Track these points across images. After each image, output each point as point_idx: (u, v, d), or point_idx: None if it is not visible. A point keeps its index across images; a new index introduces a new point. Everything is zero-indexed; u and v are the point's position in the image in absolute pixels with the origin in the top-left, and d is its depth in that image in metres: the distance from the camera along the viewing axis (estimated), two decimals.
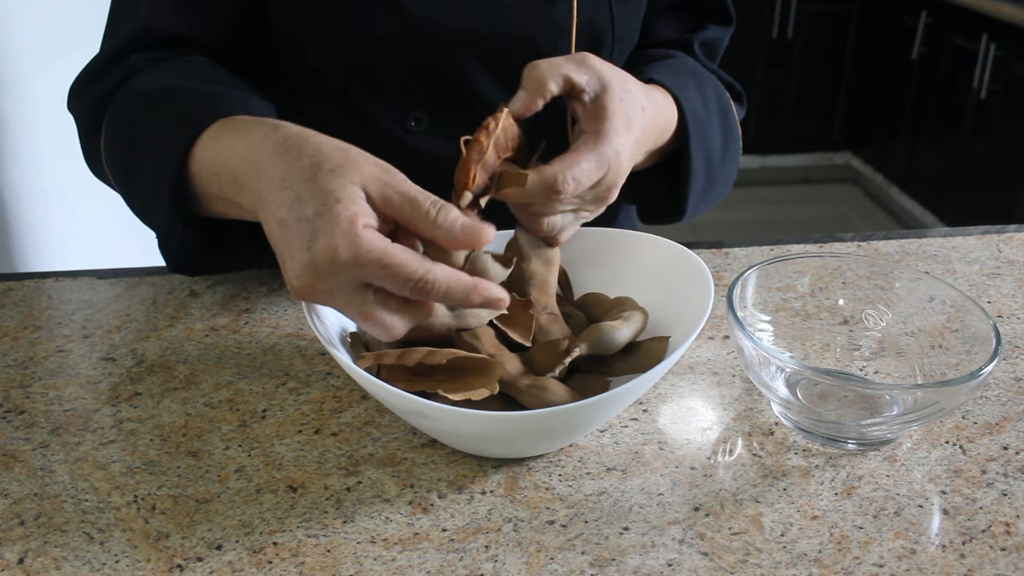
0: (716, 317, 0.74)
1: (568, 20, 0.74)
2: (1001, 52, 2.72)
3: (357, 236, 0.48)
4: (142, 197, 0.68)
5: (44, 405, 0.64)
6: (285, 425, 0.61)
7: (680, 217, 0.78)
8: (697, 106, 0.74)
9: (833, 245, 0.86)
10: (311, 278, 0.50)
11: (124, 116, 0.68)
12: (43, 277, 0.81)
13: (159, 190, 0.63)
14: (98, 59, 0.74)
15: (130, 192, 0.69)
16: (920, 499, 0.55)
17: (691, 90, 0.74)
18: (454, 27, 0.72)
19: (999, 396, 0.65)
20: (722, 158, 0.78)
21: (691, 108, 0.72)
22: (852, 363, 0.67)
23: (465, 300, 0.51)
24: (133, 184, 0.68)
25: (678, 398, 0.64)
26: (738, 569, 0.50)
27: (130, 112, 0.68)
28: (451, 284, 0.51)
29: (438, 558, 0.51)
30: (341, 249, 0.48)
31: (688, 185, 0.74)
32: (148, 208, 0.67)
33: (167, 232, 0.66)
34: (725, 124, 0.79)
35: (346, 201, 0.49)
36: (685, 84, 0.74)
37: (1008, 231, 0.89)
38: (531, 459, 0.58)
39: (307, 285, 0.51)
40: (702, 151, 0.74)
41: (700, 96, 0.75)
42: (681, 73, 0.76)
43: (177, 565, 0.50)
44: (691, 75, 0.77)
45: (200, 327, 0.73)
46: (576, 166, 0.58)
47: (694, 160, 0.73)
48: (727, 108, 0.81)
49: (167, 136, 0.63)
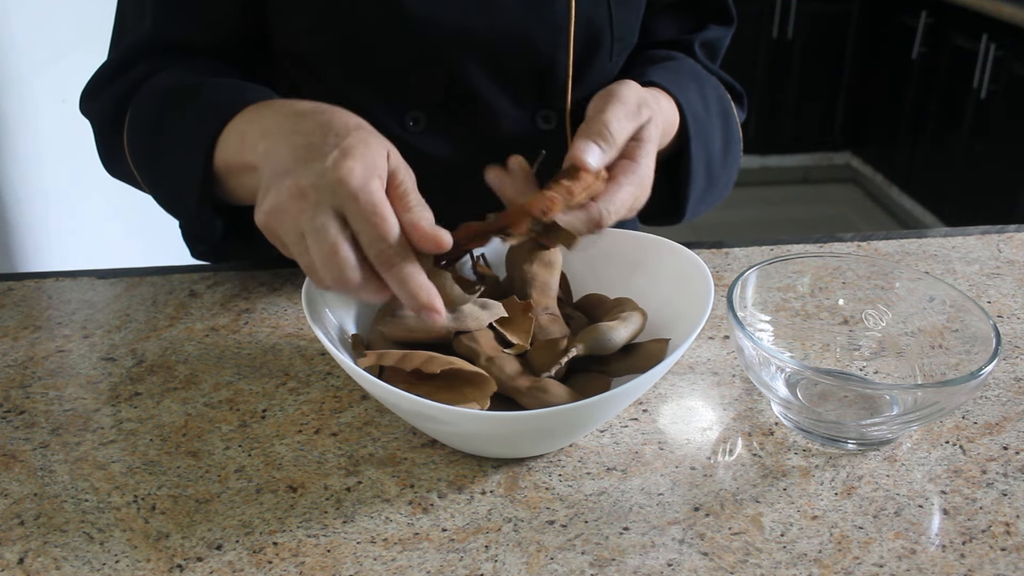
0: (716, 317, 0.74)
1: (566, 19, 0.74)
2: (1001, 52, 2.72)
3: (372, 175, 0.52)
4: (169, 185, 0.69)
5: (44, 405, 0.64)
6: (285, 425, 0.61)
7: (680, 218, 0.78)
8: (698, 108, 0.74)
9: (833, 245, 0.86)
10: (309, 188, 0.52)
11: (151, 108, 0.70)
12: (43, 277, 0.81)
13: (188, 176, 0.65)
14: (107, 65, 0.76)
15: (156, 181, 0.71)
16: (920, 499, 0.55)
17: (692, 92, 0.74)
18: (453, 26, 0.72)
19: (999, 396, 0.65)
20: (723, 160, 0.78)
21: (692, 111, 0.72)
22: (852, 363, 0.67)
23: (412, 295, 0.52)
24: (160, 173, 0.70)
25: (678, 398, 0.64)
26: (738, 569, 0.50)
27: (157, 104, 0.70)
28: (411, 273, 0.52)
29: (438, 558, 0.51)
30: (356, 175, 0.51)
31: (688, 187, 0.74)
32: (175, 195, 0.69)
33: (193, 217, 0.67)
34: (726, 126, 0.79)
35: (378, 149, 0.54)
36: (686, 86, 0.74)
37: (1008, 231, 0.89)
38: (531, 459, 0.58)
39: (296, 196, 0.52)
40: (703, 153, 0.74)
41: (701, 98, 0.75)
42: (682, 75, 0.76)
43: (177, 565, 0.50)
44: (692, 77, 0.77)
45: (200, 327, 0.73)
46: (618, 199, 0.59)
47: (694, 162, 0.73)
48: (728, 110, 0.81)
49: (198, 122, 0.65)
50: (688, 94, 0.73)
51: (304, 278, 0.61)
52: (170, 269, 0.82)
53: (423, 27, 0.71)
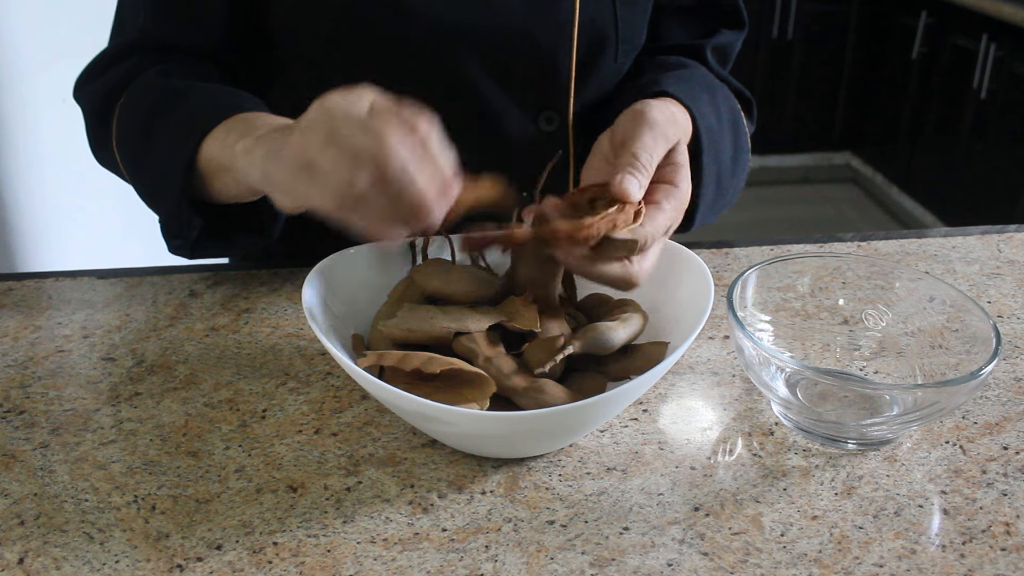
0: (716, 317, 0.74)
1: (570, 19, 0.74)
2: (1001, 52, 2.72)
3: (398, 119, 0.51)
4: (152, 179, 0.71)
5: (44, 405, 0.64)
6: (285, 425, 0.61)
7: (689, 227, 0.78)
8: (711, 120, 0.73)
9: (833, 245, 0.86)
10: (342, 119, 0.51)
11: (141, 101, 0.71)
12: (43, 277, 0.81)
13: (171, 172, 0.66)
14: (102, 56, 0.77)
15: (140, 174, 0.72)
16: (920, 499, 0.55)
17: (704, 104, 0.74)
18: (455, 25, 0.72)
19: (999, 396, 0.65)
20: (732, 169, 0.78)
21: (705, 123, 0.72)
22: (852, 363, 0.67)
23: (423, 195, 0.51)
24: (144, 167, 0.71)
25: (678, 398, 0.64)
26: (738, 569, 0.50)
27: (148, 99, 0.71)
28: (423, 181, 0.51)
29: (438, 558, 0.51)
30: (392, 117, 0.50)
31: (699, 198, 0.74)
32: (156, 190, 0.70)
33: (173, 214, 0.69)
34: (736, 135, 0.79)
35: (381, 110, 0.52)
36: (699, 97, 0.73)
37: (1008, 231, 0.89)
38: (531, 459, 0.58)
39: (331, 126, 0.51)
40: (713, 164, 0.74)
41: (713, 109, 0.75)
42: (695, 85, 0.75)
43: (177, 565, 0.50)
44: (704, 87, 0.77)
45: (200, 327, 0.73)
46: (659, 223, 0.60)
47: (706, 173, 0.73)
48: (738, 119, 0.80)
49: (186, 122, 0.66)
50: (701, 106, 0.73)
51: (304, 278, 0.61)
52: (170, 269, 0.82)
53: (425, 26, 0.71)
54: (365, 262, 0.66)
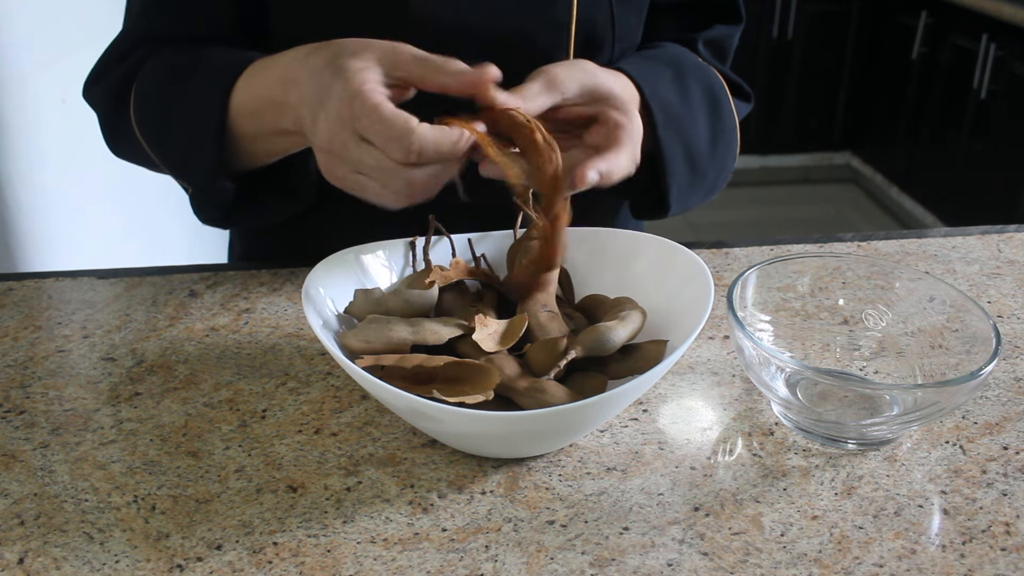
0: (716, 317, 0.74)
1: (567, 18, 0.74)
2: (1001, 52, 2.72)
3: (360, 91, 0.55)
4: (180, 152, 0.72)
5: (44, 405, 0.64)
6: (285, 425, 0.61)
7: (666, 211, 0.77)
8: (669, 96, 0.72)
9: (833, 245, 0.86)
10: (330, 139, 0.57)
11: (158, 81, 0.73)
12: (43, 277, 0.81)
13: (201, 140, 0.68)
14: (108, 53, 0.79)
15: (166, 151, 0.73)
16: (920, 499, 0.55)
17: (663, 79, 0.73)
18: (452, 24, 0.72)
19: (999, 396, 0.65)
20: (710, 150, 0.76)
21: (658, 97, 0.71)
22: (852, 363, 0.67)
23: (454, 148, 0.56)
24: (170, 142, 0.73)
25: (678, 398, 0.64)
26: (738, 569, 0.50)
27: (164, 77, 0.72)
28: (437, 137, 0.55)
29: (438, 558, 0.51)
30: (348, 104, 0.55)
31: (667, 176, 0.73)
32: (186, 162, 0.72)
33: (206, 182, 0.70)
34: (714, 115, 0.77)
35: (357, 71, 0.57)
36: (658, 73, 0.72)
37: (1008, 231, 0.89)
38: (531, 459, 0.58)
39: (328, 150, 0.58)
40: (678, 141, 0.73)
41: (677, 85, 0.74)
42: (657, 62, 0.75)
43: (177, 565, 0.50)
44: (670, 64, 0.75)
45: (200, 327, 0.73)
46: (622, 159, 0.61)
47: (668, 150, 0.72)
48: (718, 99, 0.78)
49: (205, 89, 0.68)
50: (657, 82, 0.72)
51: (304, 278, 0.61)
52: (170, 269, 0.82)
53: (422, 24, 0.71)
54: (365, 262, 0.66)
